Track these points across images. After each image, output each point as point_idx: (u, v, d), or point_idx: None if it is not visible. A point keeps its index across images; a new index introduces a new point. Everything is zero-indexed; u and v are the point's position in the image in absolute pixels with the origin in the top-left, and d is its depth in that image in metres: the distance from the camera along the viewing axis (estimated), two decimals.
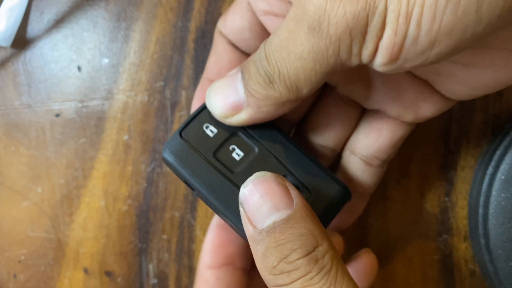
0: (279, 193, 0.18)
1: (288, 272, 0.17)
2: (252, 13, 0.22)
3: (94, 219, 0.29)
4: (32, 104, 0.29)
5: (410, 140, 0.28)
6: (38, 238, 0.29)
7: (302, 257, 0.17)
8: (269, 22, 0.21)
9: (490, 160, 0.26)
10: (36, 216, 0.29)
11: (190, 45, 0.29)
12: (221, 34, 0.23)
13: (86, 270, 0.29)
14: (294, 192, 0.18)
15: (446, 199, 0.28)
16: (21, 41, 0.29)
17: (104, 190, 0.29)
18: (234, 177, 0.20)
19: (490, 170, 0.26)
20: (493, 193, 0.26)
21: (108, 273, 0.29)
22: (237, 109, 0.20)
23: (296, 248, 0.17)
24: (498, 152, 0.26)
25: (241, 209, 0.18)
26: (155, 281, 0.29)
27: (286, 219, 0.17)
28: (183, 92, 0.28)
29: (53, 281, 0.29)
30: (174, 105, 0.28)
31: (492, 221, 0.26)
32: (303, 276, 0.17)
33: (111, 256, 0.29)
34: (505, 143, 0.26)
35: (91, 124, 0.29)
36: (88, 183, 0.29)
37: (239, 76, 0.20)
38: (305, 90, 0.18)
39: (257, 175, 0.18)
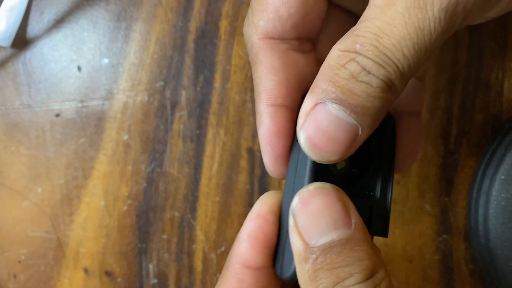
0: (338, 210, 0.16)
1: None
2: None
3: (94, 219, 0.29)
4: (32, 104, 0.29)
5: None
6: (38, 238, 0.29)
7: (360, 283, 0.15)
8: None
9: (490, 160, 0.26)
10: (36, 216, 0.29)
11: (190, 45, 0.29)
12: (263, 37, 0.19)
13: (86, 270, 0.29)
14: (353, 210, 0.16)
15: (446, 199, 0.28)
16: (21, 41, 0.29)
17: (104, 190, 0.29)
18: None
19: (490, 170, 0.26)
20: (493, 193, 0.26)
21: (108, 273, 0.29)
22: (355, 137, 0.16)
23: (355, 273, 0.15)
24: (498, 152, 0.26)
25: (290, 220, 0.17)
26: (155, 281, 0.29)
27: (345, 239, 0.16)
28: (183, 92, 0.28)
29: (53, 281, 0.29)
30: (174, 105, 0.28)
31: (492, 221, 0.26)
32: None
33: (111, 256, 0.29)
34: (505, 143, 0.26)
35: (91, 124, 0.29)
36: (88, 183, 0.29)
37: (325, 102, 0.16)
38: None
39: (316, 185, 0.16)
